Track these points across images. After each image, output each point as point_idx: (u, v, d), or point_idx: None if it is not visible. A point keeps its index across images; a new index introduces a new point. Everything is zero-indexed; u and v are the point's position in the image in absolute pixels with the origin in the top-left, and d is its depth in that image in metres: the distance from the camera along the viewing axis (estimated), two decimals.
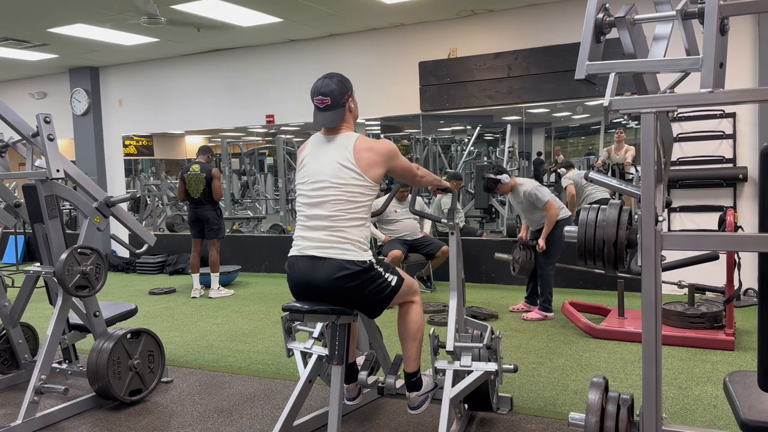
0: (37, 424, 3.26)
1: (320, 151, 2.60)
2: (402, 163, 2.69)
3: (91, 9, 6.15)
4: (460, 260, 3.09)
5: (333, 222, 2.49)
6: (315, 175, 2.56)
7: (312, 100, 2.61)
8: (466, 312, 3.27)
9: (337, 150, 2.55)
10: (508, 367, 2.93)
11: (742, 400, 1.94)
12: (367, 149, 2.54)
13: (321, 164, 2.56)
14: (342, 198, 2.49)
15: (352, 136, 2.59)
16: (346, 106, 2.61)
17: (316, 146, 2.63)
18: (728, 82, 1.79)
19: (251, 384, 3.88)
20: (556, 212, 5.03)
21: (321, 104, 2.58)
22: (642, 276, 1.73)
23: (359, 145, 2.54)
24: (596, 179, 2.32)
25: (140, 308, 4.81)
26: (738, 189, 5.82)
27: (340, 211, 2.49)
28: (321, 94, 2.58)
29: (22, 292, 3.76)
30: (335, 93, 2.57)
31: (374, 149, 2.56)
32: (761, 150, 1.69)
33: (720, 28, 1.67)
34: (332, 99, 2.57)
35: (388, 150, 2.61)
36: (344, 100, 2.60)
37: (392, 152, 2.62)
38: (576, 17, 6.16)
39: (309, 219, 2.55)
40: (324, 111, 2.58)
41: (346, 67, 7.28)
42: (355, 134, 2.61)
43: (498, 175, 5.11)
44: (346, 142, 2.56)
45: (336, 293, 2.50)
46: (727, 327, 4.27)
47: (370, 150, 2.54)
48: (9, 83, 10.07)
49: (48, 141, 3.28)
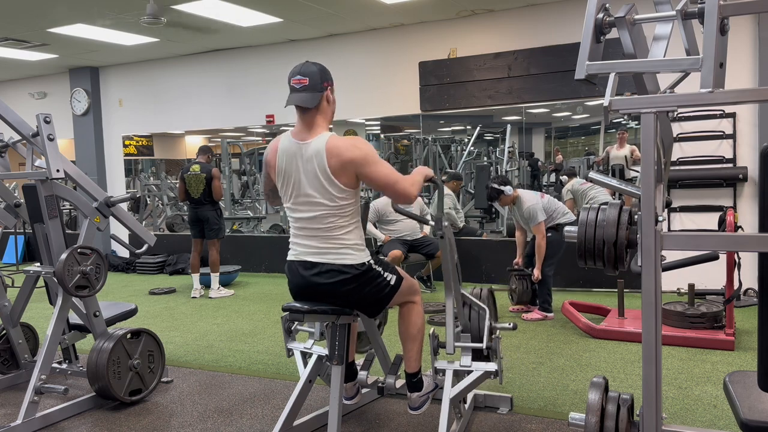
0: (37, 424, 3.26)
1: (297, 161, 2.44)
2: (373, 172, 2.39)
3: (91, 9, 6.15)
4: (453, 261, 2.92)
5: (325, 233, 2.47)
6: (297, 191, 2.47)
7: (289, 82, 2.47)
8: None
9: (311, 159, 2.40)
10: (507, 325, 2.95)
11: (742, 400, 1.94)
12: (335, 155, 2.37)
13: (301, 178, 2.44)
14: (329, 212, 2.44)
15: (323, 139, 2.40)
16: (323, 93, 2.45)
17: (290, 155, 2.46)
18: (728, 82, 1.79)
19: (251, 384, 3.88)
20: (542, 239, 5.08)
21: (298, 84, 2.43)
22: (642, 276, 1.73)
23: (330, 151, 2.37)
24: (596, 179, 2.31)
25: (140, 308, 4.80)
26: (738, 189, 5.82)
27: (329, 224, 2.45)
28: (300, 74, 2.44)
29: (22, 292, 3.76)
30: (315, 76, 2.43)
31: (338, 155, 2.36)
32: (761, 150, 1.69)
33: (720, 28, 1.67)
34: (311, 80, 2.42)
35: (352, 156, 2.36)
36: (322, 86, 2.45)
37: (358, 158, 2.36)
38: (576, 17, 6.16)
39: (300, 230, 2.53)
40: (300, 91, 2.42)
41: (346, 67, 7.30)
42: (326, 135, 2.42)
43: (502, 186, 5.13)
44: (319, 147, 2.39)
45: (335, 295, 2.50)
46: (727, 327, 4.27)
47: (338, 156, 2.36)
48: (9, 83, 10.07)
49: (48, 141, 3.28)
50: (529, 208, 5.10)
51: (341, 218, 2.46)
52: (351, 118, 7.72)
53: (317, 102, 2.44)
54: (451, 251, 2.89)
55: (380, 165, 2.42)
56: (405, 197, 2.48)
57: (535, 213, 5.08)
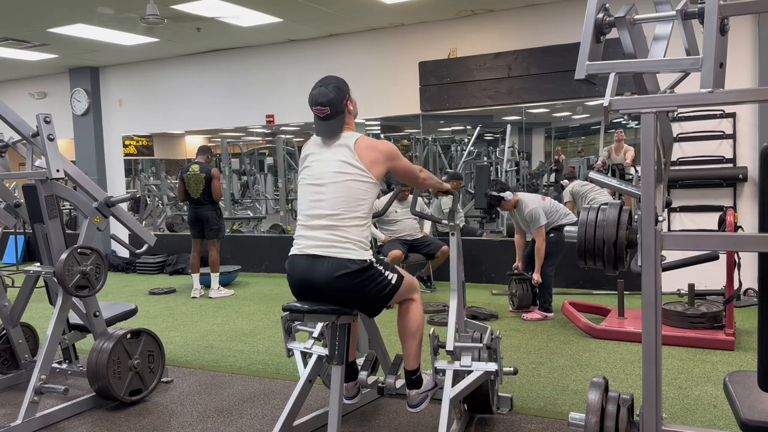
0: (37, 424, 3.26)
1: (323, 151, 2.63)
2: (403, 164, 2.73)
3: (91, 9, 6.15)
4: (460, 261, 3.10)
5: (334, 221, 2.49)
6: (317, 173, 2.60)
7: (311, 108, 2.64)
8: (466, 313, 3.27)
9: (339, 149, 2.59)
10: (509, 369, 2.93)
11: (742, 400, 1.94)
12: (369, 147, 2.59)
13: (323, 163, 2.60)
14: (343, 195, 2.51)
15: (353, 136, 2.62)
16: (345, 111, 2.64)
17: (319, 147, 2.66)
18: (728, 82, 1.79)
19: (251, 384, 3.88)
20: (542, 242, 5.08)
21: (321, 114, 2.60)
22: (642, 276, 1.73)
23: (361, 143, 2.58)
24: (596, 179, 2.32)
25: (140, 308, 4.80)
26: (738, 189, 5.82)
27: (341, 209, 2.50)
28: (319, 105, 2.59)
29: (22, 292, 3.76)
30: (333, 101, 2.59)
31: (376, 147, 2.61)
32: (761, 150, 1.69)
33: (720, 28, 1.67)
34: (331, 107, 2.59)
35: (389, 149, 2.67)
36: (343, 105, 2.63)
37: (394, 152, 2.67)
38: (576, 17, 6.16)
39: (310, 218, 2.56)
40: (325, 120, 2.61)
41: (346, 67, 7.30)
42: (356, 134, 2.65)
43: (501, 193, 5.13)
44: (347, 141, 2.60)
45: (336, 292, 2.50)
46: (727, 327, 4.27)
47: (373, 148, 2.59)
48: (9, 83, 10.07)
49: (48, 141, 3.28)
50: (532, 211, 5.09)
51: (354, 209, 2.51)
52: None
53: (342, 124, 2.64)
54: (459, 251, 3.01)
55: (405, 159, 2.78)
56: (423, 185, 2.94)
57: (537, 216, 5.07)
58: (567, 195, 6.18)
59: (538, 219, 5.07)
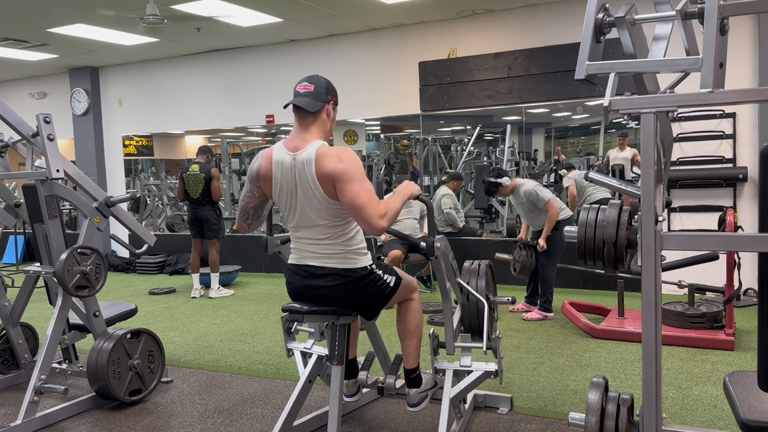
0: (37, 424, 3.26)
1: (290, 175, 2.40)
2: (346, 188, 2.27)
3: (92, 9, 6.15)
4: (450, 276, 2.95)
5: (326, 241, 2.46)
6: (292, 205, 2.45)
7: (294, 89, 2.48)
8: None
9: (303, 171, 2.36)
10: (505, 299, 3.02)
11: (742, 400, 1.94)
12: (320, 165, 2.32)
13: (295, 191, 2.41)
14: (326, 224, 2.43)
15: (312, 149, 2.35)
16: (326, 105, 2.46)
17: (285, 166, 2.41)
18: (728, 82, 1.79)
19: (251, 384, 3.88)
20: (556, 212, 5.02)
21: (302, 89, 2.45)
22: (642, 276, 1.73)
23: (317, 161, 2.32)
24: (596, 179, 2.32)
25: (140, 308, 4.81)
26: (738, 189, 5.82)
27: (328, 233, 2.45)
28: (306, 81, 2.47)
29: (22, 292, 3.76)
30: (320, 86, 2.47)
31: (322, 167, 2.31)
32: (761, 150, 1.69)
33: (720, 28, 1.67)
34: (316, 89, 2.45)
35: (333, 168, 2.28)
36: (326, 98, 2.46)
37: (337, 171, 2.27)
38: (576, 17, 6.16)
39: (301, 238, 2.52)
40: (303, 96, 2.43)
41: (346, 67, 7.31)
42: (317, 144, 2.37)
43: (498, 179, 5.11)
44: (308, 158, 2.34)
45: (336, 298, 2.50)
46: (727, 327, 4.27)
47: (322, 166, 2.31)
48: (9, 83, 10.06)
49: (48, 141, 3.28)
50: (529, 190, 5.05)
51: (338, 227, 2.44)
52: (351, 118, 7.72)
53: (318, 108, 2.44)
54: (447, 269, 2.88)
55: (356, 183, 2.26)
56: (370, 227, 2.29)
57: (538, 193, 5.03)
58: (568, 180, 6.14)
59: (538, 194, 5.02)
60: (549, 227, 5.05)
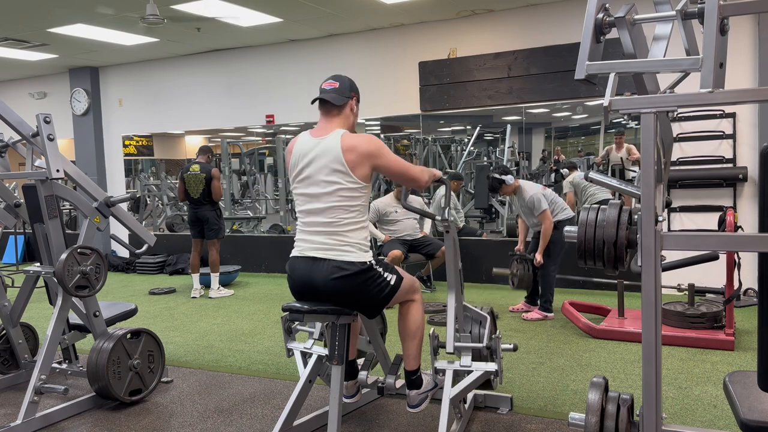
0: (37, 424, 3.26)
1: (311, 154, 2.54)
2: (388, 162, 2.56)
3: (91, 9, 6.15)
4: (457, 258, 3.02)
5: (332, 228, 2.50)
6: (309, 181, 2.54)
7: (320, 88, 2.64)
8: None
9: (326, 152, 2.51)
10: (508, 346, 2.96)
11: (742, 400, 1.94)
12: (349, 149, 2.48)
13: (313, 169, 2.53)
14: (337, 205, 2.49)
15: (337, 135, 2.53)
16: (348, 101, 2.63)
17: (306, 149, 2.57)
18: (728, 82, 1.79)
19: (251, 384, 3.88)
20: (549, 225, 5.06)
21: (328, 86, 2.62)
22: (642, 276, 1.73)
23: (344, 144, 2.49)
24: (596, 179, 2.31)
25: (140, 308, 4.81)
26: (738, 189, 5.82)
27: (337, 218, 2.50)
28: (331, 79, 2.65)
29: (22, 292, 3.76)
30: (344, 83, 2.64)
31: (356, 148, 2.49)
32: (761, 150, 1.69)
33: (720, 28, 1.67)
34: (340, 85, 2.62)
35: (368, 149, 2.50)
36: (349, 93, 2.64)
37: (374, 151, 2.51)
38: (576, 17, 6.16)
39: (308, 225, 2.57)
40: (329, 92, 2.61)
41: (346, 67, 7.30)
42: (340, 131, 2.55)
43: (503, 176, 5.12)
44: (333, 142, 2.51)
45: (335, 294, 2.50)
46: (727, 327, 4.27)
47: (352, 150, 2.48)
48: (9, 83, 10.07)
49: (48, 141, 3.28)
50: (532, 197, 5.09)
51: (349, 213, 2.50)
52: None
53: (343, 103, 2.61)
54: (455, 249, 2.92)
55: (393, 155, 2.61)
56: (417, 182, 2.69)
57: (538, 201, 5.06)
58: (567, 185, 6.15)
59: (539, 204, 5.06)
60: (544, 241, 5.09)
